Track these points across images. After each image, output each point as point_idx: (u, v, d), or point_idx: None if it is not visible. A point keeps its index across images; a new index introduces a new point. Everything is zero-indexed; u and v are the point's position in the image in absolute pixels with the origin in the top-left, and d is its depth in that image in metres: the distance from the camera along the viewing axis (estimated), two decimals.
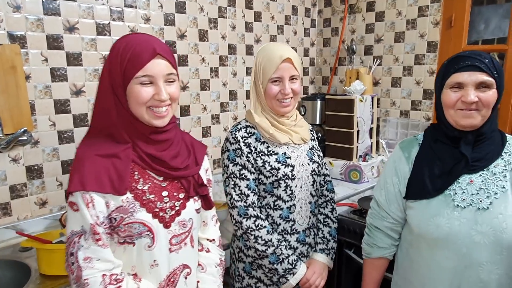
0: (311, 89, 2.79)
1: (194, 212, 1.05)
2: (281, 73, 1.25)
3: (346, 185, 2.24)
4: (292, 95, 1.29)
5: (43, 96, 1.57)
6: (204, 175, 1.11)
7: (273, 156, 1.31)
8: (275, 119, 1.33)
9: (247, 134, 1.32)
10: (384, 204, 1.22)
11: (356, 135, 2.28)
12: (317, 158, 1.44)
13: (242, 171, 1.29)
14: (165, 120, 0.95)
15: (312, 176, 1.39)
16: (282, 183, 1.30)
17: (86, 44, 1.66)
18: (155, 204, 0.95)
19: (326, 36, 2.69)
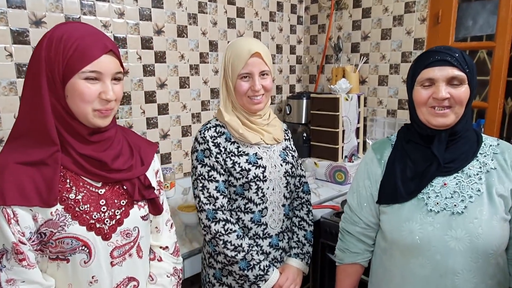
0: (298, 87, 2.73)
1: (140, 220, 0.96)
2: (250, 68, 1.19)
3: (330, 186, 2.18)
4: (264, 92, 1.23)
5: None
6: (153, 177, 1.03)
7: (244, 157, 1.25)
8: (246, 117, 1.27)
9: (216, 134, 1.26)
10: (356, 209, 1.16)
11: (341, 135, 2.21)
12: (291, 159, 1.37)
13: (211, 173, 1.22)
14: (108, 120, 0.88)
15: (285, 177, 1.32)
16: (253, 185, 1.24)
17: None
18: (91, 215, 0.86)
19: (313, 33, 2.62)
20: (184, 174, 2.12)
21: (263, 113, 1.30)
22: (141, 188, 0.95)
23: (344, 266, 1.23)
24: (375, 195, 1.11)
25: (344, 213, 1.24)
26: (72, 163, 0.84)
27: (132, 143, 0.98)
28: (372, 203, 1.12)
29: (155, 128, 1.96)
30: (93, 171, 0.86)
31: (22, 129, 0.83)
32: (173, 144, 2.06)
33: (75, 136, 0.85)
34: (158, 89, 1.95)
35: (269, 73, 1.24)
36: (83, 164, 0.85)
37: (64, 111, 0.83)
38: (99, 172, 0.87)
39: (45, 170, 0.80)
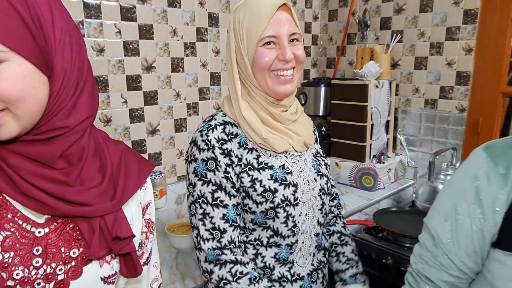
0: (314, 73, 2.31)
1: (99, 283, 0.63)
2: (277, 29, 0.84)
3: (357, 192, 1.79)
4: (295, 64, 0.88)
5: None
6: (137, 216, 0.70)
7: (267, 171, 0.89)
8: (268, 111, 0.91)
9: (226, 136, 0.88)
10: (449, 247, 0.74)
11: (369, 130, 1.81)
12: (325, 170, 1.02)
13: (217, 194, 0.86)
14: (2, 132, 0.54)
15: (321, 196, 0.97)
16: (280, 212, 0.89)
17: None
18: (12, 271, 0.55)
19: (333, 7, 2.20)
20: (178, 178, 1.73)
21: (290, 102, 0.94)
22: (107, 236, 0.62)
23: None
24: (490, 232, 0.70)
25: (421, 247, 0.82)
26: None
27: (110, 162, 0.65)
28: (481, 244, 0.71)
29: (141, 122, 1.56)
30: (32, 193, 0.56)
31: None
32: (164, 142, 1.66)
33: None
34: (144, 73, 1.55)
35: (300, 38, 0.89)
36: (16, 182, 0.55)
37: None
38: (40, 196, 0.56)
39: None
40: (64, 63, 0.58)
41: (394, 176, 1.90)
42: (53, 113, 0.57)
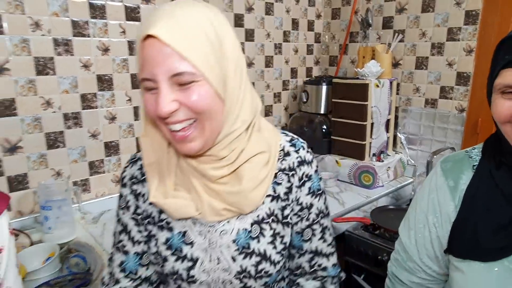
0: (316, 71, 2.33)
1: None
2: (151, 69, 0.58)
3: (356, 190, 1.82)
4: (192, 115, 0.61)
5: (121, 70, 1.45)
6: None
7: (165, 232, 0.72)
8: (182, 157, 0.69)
9: (140, 176, 0.76)
10: (413, 253, 0.81)
11: (369, 129, 1.84)
12: (266, 245, 0.71)
13: (121, 237, 0.77)
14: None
15: (241, 280, 0.71)
16: (170, 282, 0.75)
17: None
18: None
19: (336, 5, 2.21)
20: None
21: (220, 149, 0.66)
22: None
23: None
24: (444, 239, 0.75)
25: (395, 252, 0.88)
26: None
27: None
28: (439, 250, 0.77)
29: None
30: None
31: None
32: None
33: None
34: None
35: (196, 78, 0.59)
36: None
37: None
38: None
39: None
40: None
41: (394, 174, 1.93)
42: None
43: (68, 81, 1.36)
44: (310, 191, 0.73)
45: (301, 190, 0.73)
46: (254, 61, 1.97)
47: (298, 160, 0.72)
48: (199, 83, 0.59)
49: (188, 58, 0.57)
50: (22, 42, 1.24)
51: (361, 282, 1.53)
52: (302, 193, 0.73)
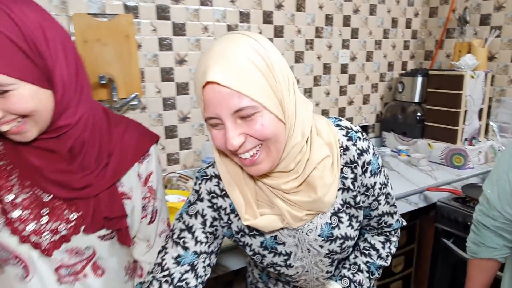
0: (411, 64, 2.57)
1: (95, 240, 0.77)
2: (214, 110, 0.64)
3: (447, 169, 2.05)
4: (252, 145, 0.67)
5: (151, 64, 1.67)
6: (137, 187, 0.81)
7: (258, 238, 0.81)
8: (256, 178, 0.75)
9: (219, 191, 0.80)
10: (496, 203, 1.07)
11: (463, 116, 2.05)
12: (345, 228, 0.82)
13: (184, 234, 0.79)
14: (27, 136, 0.67)
15: (330, 256, 0.84)
16: (272, 270, 0.86)
17: (190, 14, 1.71)
18: (26, 224, 0.70)
19: (434, 4, 2.42)
20: None
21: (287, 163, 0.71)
22: (98, 215, 0.74)
23: (477, 260, 1.15)
24: None
25: (480, 204, 1.15)
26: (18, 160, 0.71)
27: (109, 146, 0.76)
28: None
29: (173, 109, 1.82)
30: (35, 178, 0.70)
31: None
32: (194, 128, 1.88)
33: None
34: (177, 66, 1.73)
35: (257, 109, 0.64)
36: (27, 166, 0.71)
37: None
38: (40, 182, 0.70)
39: None
40: (62, 76, 0.65)
41: (484, 158, 2.11)
42: (59, 115, 0.67)
43: None
44: (372, 173, 0.80)
45: (365, 176, 0.80)
46: (357, 56, 2.29)
47: (357, 152, 0.78)
48: (260, 113, 0.63)
49: (246, 94, 0.61)
50: None
51: (450, 245, 1.77)
52: (365, 177, 0.80)
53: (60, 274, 0.75)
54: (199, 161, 1.84)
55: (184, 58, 1.74)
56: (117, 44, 1.55)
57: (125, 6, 1.56)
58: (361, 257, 0.91)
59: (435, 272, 1.90)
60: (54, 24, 0.65)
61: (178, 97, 1.76)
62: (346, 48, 2.23)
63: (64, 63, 0.66)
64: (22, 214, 0.70)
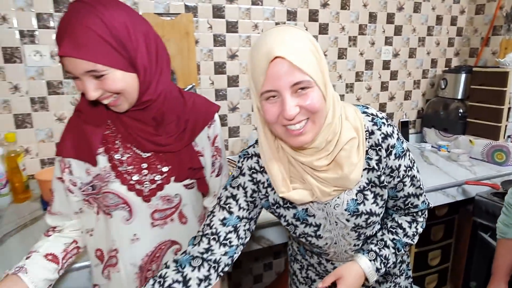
0: (455, 61, 2.58)
1: (182, 188, 0.94)
2: (274, 83, 0.73)
3: (487, 166, 2.07)
4: (304, 117, 0.76)
5: (206, 59, 1.85)
6: (207, 147, 0.98)
7: (291, 210, 0.91)
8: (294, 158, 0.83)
9: (258, 168, 0.91)
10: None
11: (506, 113, 2.06)
12: (371, 205, 0.89)
13: (229, 200, 0.90)
14: (121, 108, 0.84)
15: (356, 230, 0.92)
16: (303, 240, 0.96)
17: (242, 13, 1.87)
18: (131, 176, 0.89)
19: (480, 2, 2.42)
20: None
21: (321, 142, 0.80)
22: (183, 167, 0.92)
23: (506, 240, 1.22)
24: None
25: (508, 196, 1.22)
26: (119, 126, 0.88)
27: (184, 115, 0.92)
28: None
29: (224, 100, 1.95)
30: (134, 138, 0.88)
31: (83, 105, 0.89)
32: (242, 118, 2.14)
33: None
34: (229, 60, 1.91)
35: (311, 84, 0.74)
36: (128, 130, 0.88)
37: None
38: (138, 140, 0.88)
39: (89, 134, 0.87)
40: (143, 63, 0.80)
41: None
42: (143, 92, 0.83)
43: None
44: (396, 156, 0.87)
45: (389, 158, 0.86)
46: (399, 52, 2.35)
47: (381, 136, 0.85)
48: (313, 89, 0.74)
49: (305, 70, 0.71)
50: None
51: (487, 238, 1.80)
52: (390, 160, 0.87)
53: (154, 218, 0.92)
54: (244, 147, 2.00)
55: (236, 53, 1.91)
56: (178, 40, 1.74)
57: (185, 6, 1.75)
58: (388, 235, 0.96)
59: (471, 266, 1.93)
60: (138, 20, 0.79)
61: (229, 88, 1.94)
62: (389, 45, 2.30)
63: (145, 52, 0.80)
64: (127, 169, 0.88)
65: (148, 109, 0.85)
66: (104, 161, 0.88)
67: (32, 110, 1.58)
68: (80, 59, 0.73)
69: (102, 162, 0.88)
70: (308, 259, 1.05)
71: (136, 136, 0.87)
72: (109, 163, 0.88)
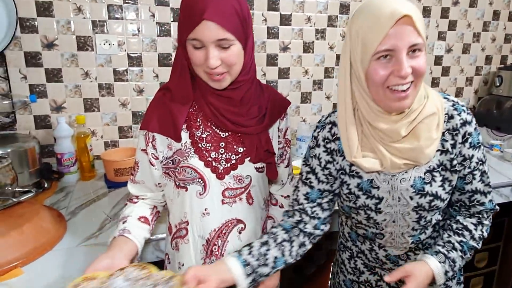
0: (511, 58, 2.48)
1: (253, 170, 0.98)
2: (394, 42, 0.75)
3: None
4: (413, 78, 0.78)
5: (260, 50, 1.90)
6: (275, 137, 1.03)
7: (356, 179, 0.93)
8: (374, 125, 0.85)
9: (331, 136, 0.95)
10: None
11: None
12: (437, 187, 0.88)
13: (309, 175, 0.97)
14: (223, 84, 0.89)
15: (417, 212, 0.91)
16: (362, 213, 0.95)
17: (296, 6, 1.89)
18: (209, 153, 0.94)
19: None
20: None
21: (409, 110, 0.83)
22: (259, 148, 0.96)
23: None
24: None
25: None
26: (203, 105, 0.93)
27: (263, 102, 0.98)
28: None
29: None
30: (216, 118, 0.92)
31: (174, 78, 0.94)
32: None
33: (205, 88, 0.92)
34: (281, 53, 1.94)
35: (422, 48, 0.78)
36: (211, 110, 0.92)
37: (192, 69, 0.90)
38: (220, 120, 0.92)
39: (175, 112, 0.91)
40: (250, 44, 0.88)
41: None
42: (242, 72, 0.89)
43: None
44: (471, 145, 0.88)
45: (464, 145, 0.87)
46: (453, 48, 2.29)
47: (460, 121, 0.87)
48: (422, 52, 0.78)
49: (422, 33, 0.76)
50: None
51: None
52: (464, 147, 0.88)
53: (225, 195, 0.96)
54: (294, 140, 2.04)
55: (288, 46, 1.95)
56: None
57: None
58: (455, 236, 0.92)
59: None
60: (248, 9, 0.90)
61: (280, 80, 1.98)
62: (442, 40, 2.25)
63: (252, 35, 0.89)
64: (206, 146, 0.94)
65: (239, 90, 0.91)
66: (185, 137, 0.94)
67: (100, 95, 1.70)
68: (221, 26, 0.80)
69: (184, 138, 0.93)
70: (359, 245, 1.04)
71: (219, 115, 0.92)
72: (190, 139, 0.93)
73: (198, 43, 0.83)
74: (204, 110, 0.93)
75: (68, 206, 1.34)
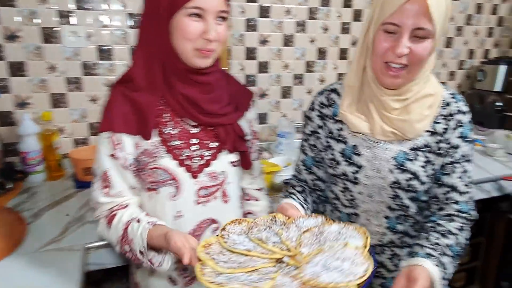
0: (494, 52, 2.46)
1: (228, 165, 0.94)
2: (401, 19, 0.76)
3: None
4: (406, 62, 0.79)
5: (237, 43, 1.83)
6: (247, 127, 0.99)
7: (340, 145, 0.95)
8: (374, 92, 0.87)
9: (327, 102, 0.98)
10: None
11: None
12: (418, 167, 0.88)
13: (304, 144, 1.04)
14: (209, 61, 0.83)
15: (394, 190, 0.90)
16: (339, 182, 0.96)
17: None
18: (181, 151, 0.87)
19: None
20: None
21: (406, 90, 0.85)
22: (234, 138, 0.92)
23: None
24: None
25: None
26: (172, 99, 0.85)
27: (230, 90, 0.94)
28: None
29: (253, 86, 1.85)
30: (188, 111, 0.86)
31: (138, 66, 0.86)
32: (271, 105, 2.01)
33: (178, 75, 0.84)
34: (260, 46, 1.88)
35: (430, 35, 0.77)
36: (181, 103, 0.85)
37: (169, 48, 0.82)
38: (192, 112, 0.86)
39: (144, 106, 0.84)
40: None
41: None
42: None
43: None
44: (461, 135, 0.88)
45: (453, 133, 0.88)
46: None
47: (456, 109, 0.88)
48: (430, 40, 0.77)
49: (435, 21, 0.75)
50: None
51: None
52: (453, 135, 0.88)
53: (199, 195, 0.90)
54: (273, 136, 1.98)
55: (267, 39, 1.88)
56: None
57: None
58: (443, 239, 0.84)
59: (504, 266, 1.86)
60: None
61: (259, 75, 1.92)
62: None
63: None
64: (178, 143, 0.87)
65: (212, 74, 0.87)
66: (153, 135, 0.85)
67: (67, 90, 1.61)
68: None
69: (152, 136, 0.85)
70: None
71: (190, 107, 0.85)
72: (159, 137, 0.86)
73: (199, 11, 0.78)
74: (172, 105, 0.86)
75: (32, 208, 1.26)
